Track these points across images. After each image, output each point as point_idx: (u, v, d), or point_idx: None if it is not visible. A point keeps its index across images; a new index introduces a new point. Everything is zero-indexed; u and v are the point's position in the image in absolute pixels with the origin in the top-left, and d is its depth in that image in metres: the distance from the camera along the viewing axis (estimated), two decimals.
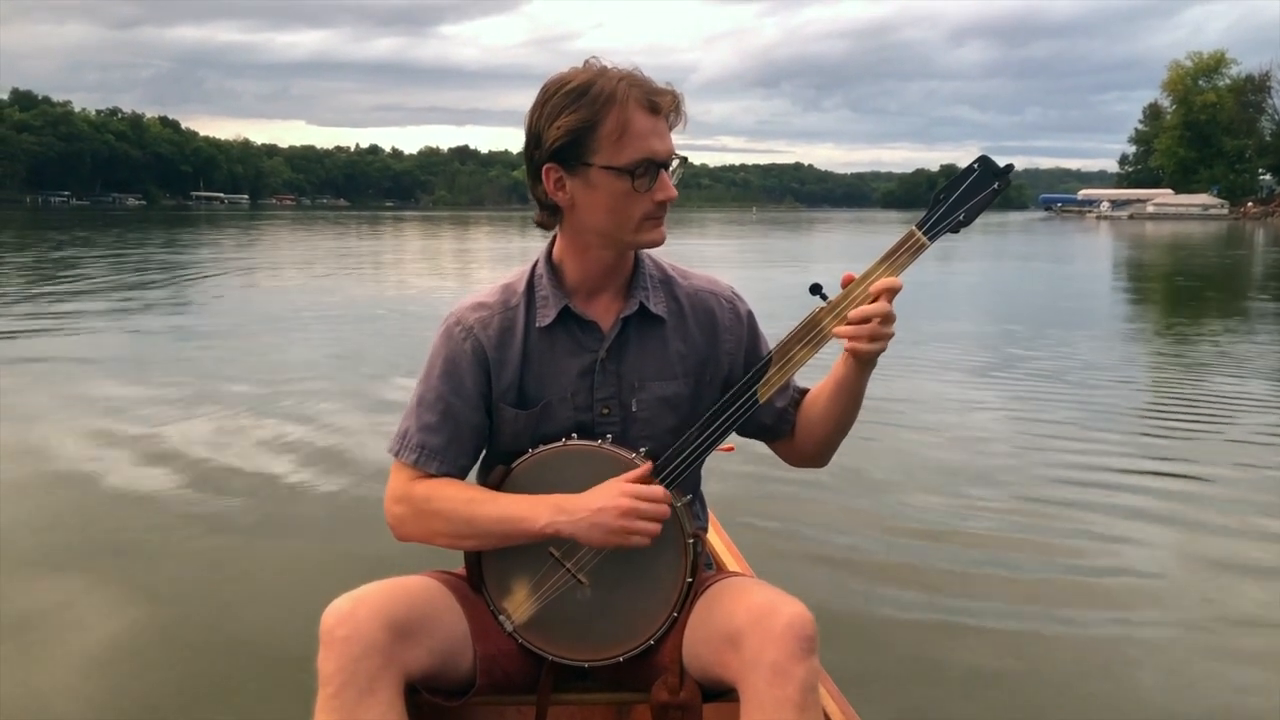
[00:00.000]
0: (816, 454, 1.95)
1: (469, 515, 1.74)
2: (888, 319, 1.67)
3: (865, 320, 1.66)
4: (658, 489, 1.71)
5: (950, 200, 1.67)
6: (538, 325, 1.81)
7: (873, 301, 1.66)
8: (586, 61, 1.72)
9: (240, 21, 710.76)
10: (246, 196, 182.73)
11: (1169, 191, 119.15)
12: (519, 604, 1.80)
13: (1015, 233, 56.57)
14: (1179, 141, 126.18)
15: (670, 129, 1.73)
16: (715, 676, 1.68)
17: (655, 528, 1.69)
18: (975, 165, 1.68)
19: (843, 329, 1.68)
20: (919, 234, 1.67)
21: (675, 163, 1.73)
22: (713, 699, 1.74)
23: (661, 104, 1.69)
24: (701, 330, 1.88)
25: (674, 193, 1.72)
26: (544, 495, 1.73)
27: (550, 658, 1.81)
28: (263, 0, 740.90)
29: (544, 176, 1.73)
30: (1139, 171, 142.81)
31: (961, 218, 1.67)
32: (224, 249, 30.73)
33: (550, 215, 1.79)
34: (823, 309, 1.71)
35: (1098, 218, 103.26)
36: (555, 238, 1.85)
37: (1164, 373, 8.94)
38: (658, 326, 1.85)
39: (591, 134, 1.67)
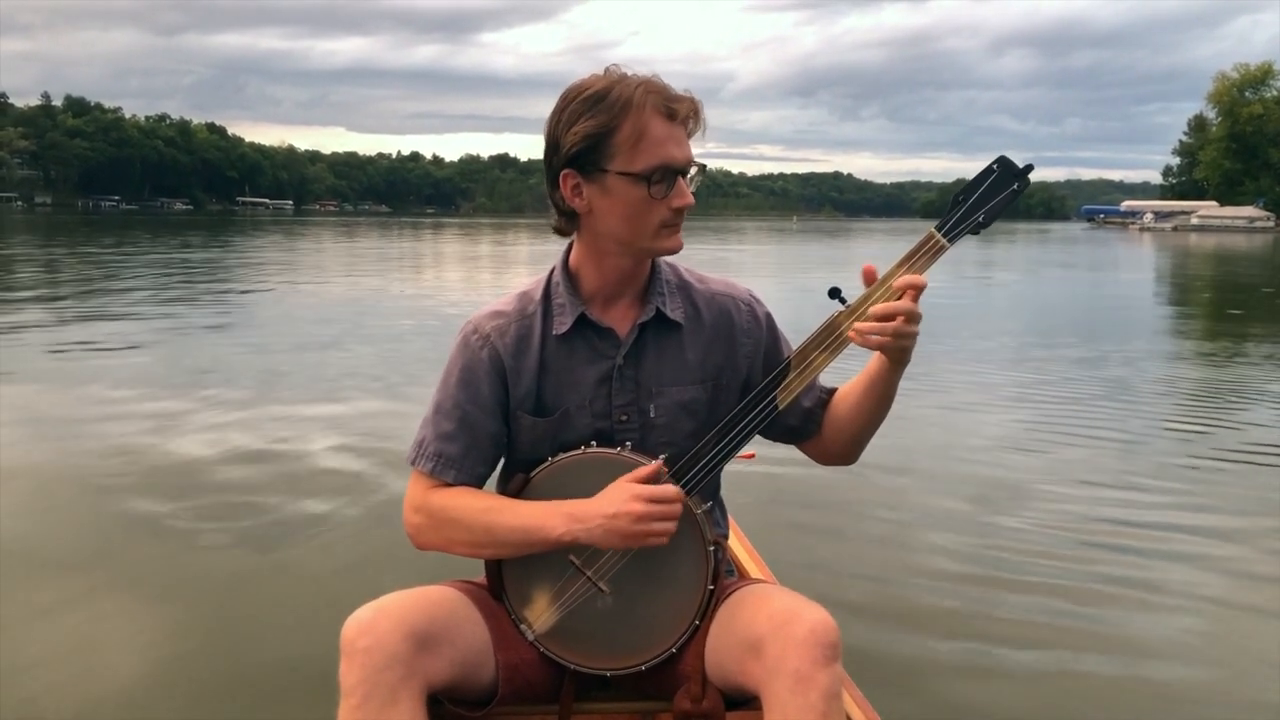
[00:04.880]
0: (845, 452, 1.93)
1: (486, 524, 1.74)
2: (912, 317, 1.64)
3: (888, 317, 1.63)
4: (669, 488, 1.70)
5: (969, 202, 1.65)
6: (554, 333, 1.81)
7: (897, 299, 1.64)
8: (607, 69, 1.71)
9: (282, 29, 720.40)
10: (291, 202, 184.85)
11: (1213, 204, 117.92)
12: (540, 613, 1.79)
13: (1056, 243, 55.96)
14: (1224, 153, 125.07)
15: (689, 136, 1.72)
16: (738, 684, 1.67)
17: (671, 526, 1.68)
18: (994, 166, 1.66)
19: (864, 325, 1.64)
20: (938, 236, 1.65)
21: (694, 170, 1.72)
22: (736, 707, 1.73)
23: (679, 110, 1.68)
24: (719, 334, 1.87)
25: (691, 199, 1.71)
26: (559, 502, 1.72)
27: (572, 666, 1.80)
28: (305, 8, 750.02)
29: (561, 183, 1.72)
30: (1183, 183, 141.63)
31: (981, 219, 1.65)
32: (274, 254, 31.06)
33: (568, 221, 1.78)
34: (841, 313, 1.70)
35: (1141, 229, 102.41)
36: (572, 245, 1.84)
37: (1215, 400, 8.62)
38: (674, 332, 1.84)
39: (608, 140, 1.66)
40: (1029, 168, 1.65)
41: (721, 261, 29.03)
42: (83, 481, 5.27)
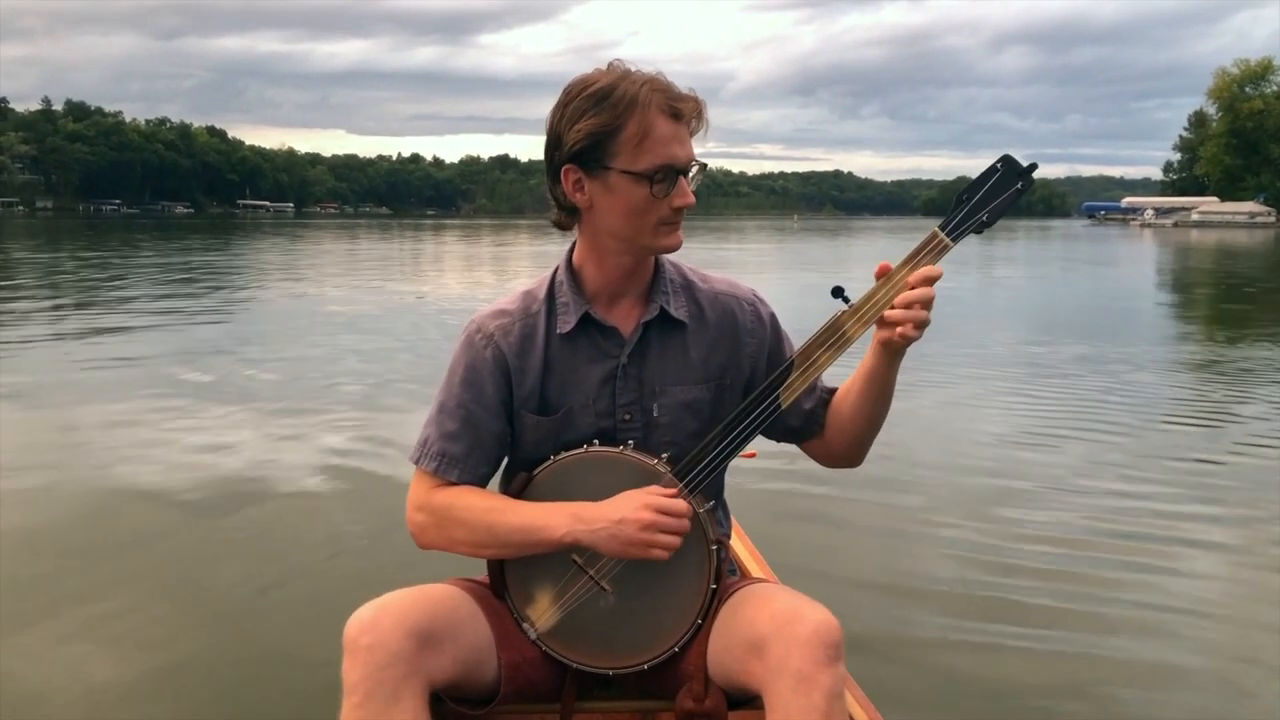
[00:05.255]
0: (849, 453, 1.92)
1: (489, 524, 1.74)
2: (929, 303, 1.65)
3: (909, 306, 1.64)
4: (680, 503, 1.69)
5: (973, 201, 1.66)
6: (559, 332, 1.81)
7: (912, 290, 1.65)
8: (610, 64, 1.71)
9: (281, 31, 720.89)
10: (291, 205, 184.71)
11: (1214, 199, 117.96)
12: (542, 611, 1.79)
13: (1058, 240, 55.86)
14: (1225, 149, 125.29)
15: (691, 135, 1.72)
16: (740, 684, 1.66)
17: (676, 541, 1.68)
18: (998, 165, 1.66)
19: (895, 313, 1.65)
20: (942, 235, 1.65)
21: (694, 169, 1.72)
22: (738, 706, 1.73)
23: (684, 110, 1.68)
24: (722, 334, 1.87)
25: (692, 199, 1.71)
26: (564, 503, 1.73)
27: (574, 665, 1.80)
28: (304, 11, 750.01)
29: (563, 178, 1.72)
30: (1184, 179, 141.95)
31: (985, 218, 1.66)
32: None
33: (568, 216, 1.78)
34: (845, 312, 1.70)
35: (1142, 225, 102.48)
36: (575, 243, 1.84)
37: (1216, 398, 8.56)
38: (679, 331, 1.84)
39: (612, 138, 1.66)
40: (1033, 166, 1.65)
41: (722, 260, 29.01)
42: (83, 487, 5.28)
